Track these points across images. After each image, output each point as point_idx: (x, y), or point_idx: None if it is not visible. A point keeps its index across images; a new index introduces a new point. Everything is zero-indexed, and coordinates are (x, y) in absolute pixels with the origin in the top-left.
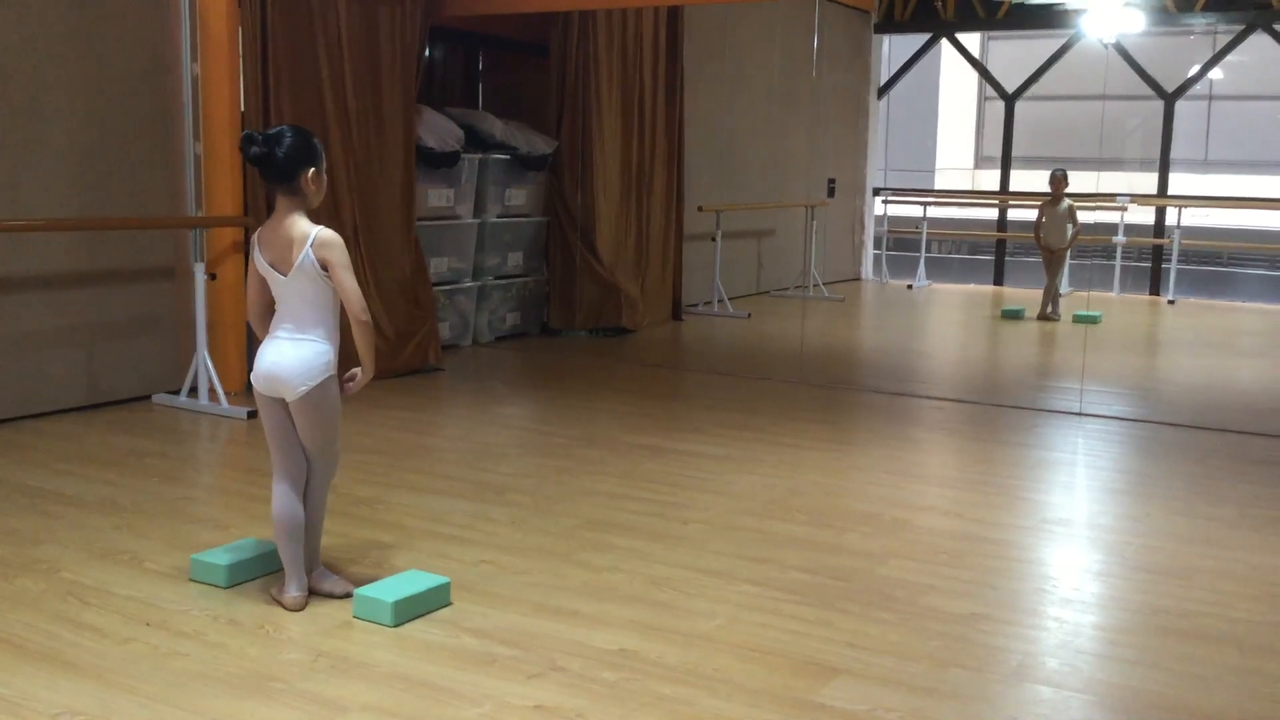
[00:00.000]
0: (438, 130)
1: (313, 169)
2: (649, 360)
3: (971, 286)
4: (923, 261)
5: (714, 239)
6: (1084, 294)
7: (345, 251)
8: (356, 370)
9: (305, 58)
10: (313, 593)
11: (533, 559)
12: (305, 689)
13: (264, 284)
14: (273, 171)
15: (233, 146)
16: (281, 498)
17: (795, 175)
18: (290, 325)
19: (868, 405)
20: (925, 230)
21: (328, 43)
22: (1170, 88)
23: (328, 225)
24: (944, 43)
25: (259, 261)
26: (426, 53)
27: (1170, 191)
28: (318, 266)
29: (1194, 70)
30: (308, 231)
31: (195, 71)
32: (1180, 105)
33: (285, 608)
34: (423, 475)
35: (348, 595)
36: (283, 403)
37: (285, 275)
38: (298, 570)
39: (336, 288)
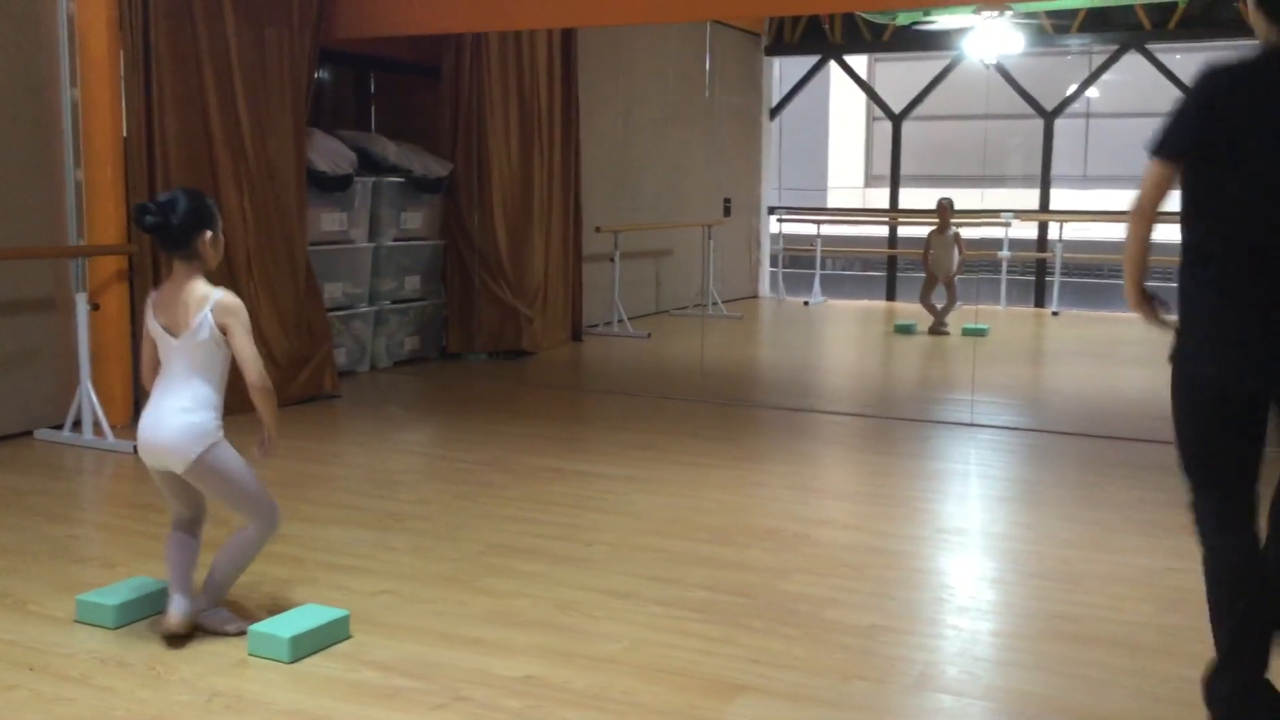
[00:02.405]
0: (329, 153)
1: (209, 232)
2: (550, 382)
3: (865, 302)
4: (818, 278)
5: (612, 259)
6: (972, 308)
7: (246, 316)
8: (263, 437)
9: (191, 80)
10: (204, 629)
11: (435, 587)
12: None
13: (156, 347)
14: (169, 238)
15: (115, 172)
16: (172, 541)
17: (692, 195)
18: (173, 391)
19: (767, 421)
20: (819, 248)
21: (215, 65)
22: (1049, 106)
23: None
24: (832, 65)
25: (151, 325)
26: (317, 75)
27: (1051, 206)
28: (216, 331)
29: (1072, 89)
30: (207, 294)
31: (75, 96)
32: (1059, 123)
33: (166, 629)
34: (320, 505)
35: (241, 633)
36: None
37: (177, 338)
38: (182, 589)
39: (235, 353)
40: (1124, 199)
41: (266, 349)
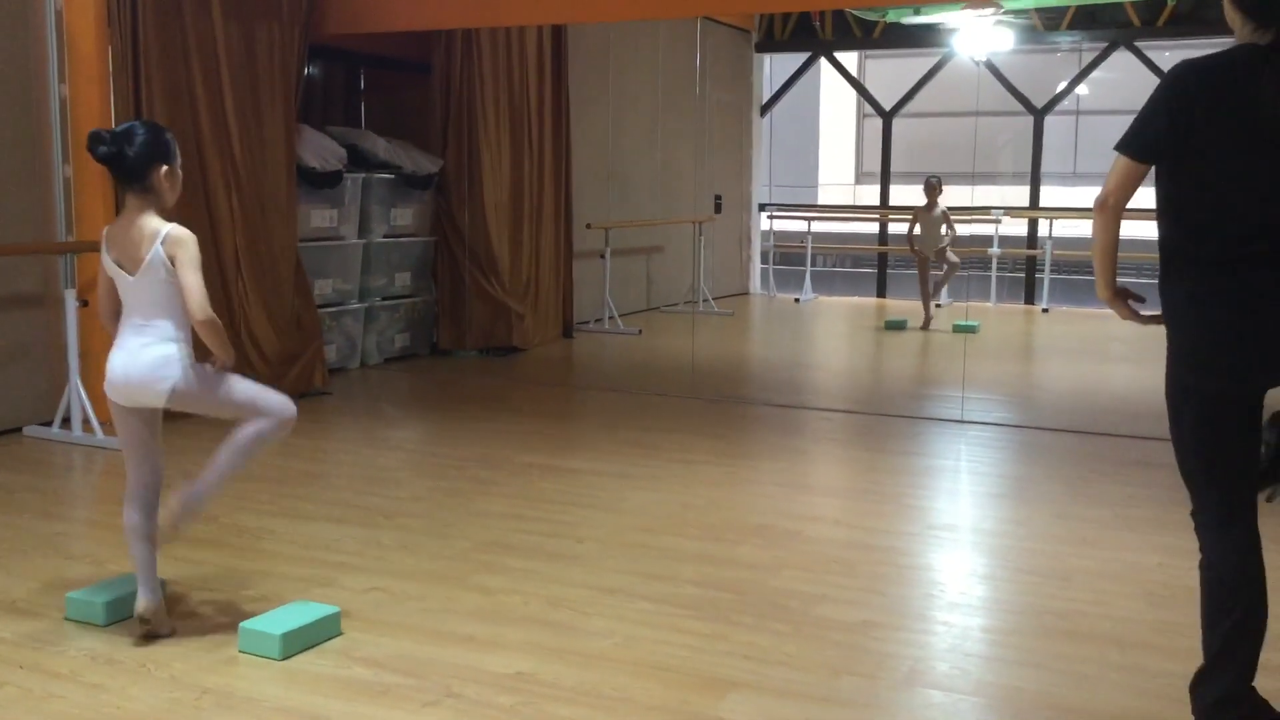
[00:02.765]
0: (319, 149)
1: (166, 166)
2: (541, 379)
3: (856, 299)
4: (808, 275)
5: (603, 256)
6: (962, 304)
7: (196, 249)
8: (215, 359)
9: (180, 77)
10: (177, 522)
11: (425, 584)
12: None
13: (113, 284)
14: (124, 170)
15: (103, 169)
16: (131, 512)
17: (682, 192)
18: (137, 328)
19: (758, 418)
20: (810, 244)
21: (204, 62)
22: (1039, 103)
23: (209, 247)
24: (823, 61)
25: (106, 261)
26: (306, 71)
27: (1042, 204)
28: (168, 263)
29: (1061, 86)
30: (158, 228)
31: (63, 92)
32: (1049, 120)
33: (139, 618)
34: (310, 502)
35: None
36: (138, 412)
37: (133, 275)
38: (146, 577)
39: (180, 284)
40: None
41: (256, 345)
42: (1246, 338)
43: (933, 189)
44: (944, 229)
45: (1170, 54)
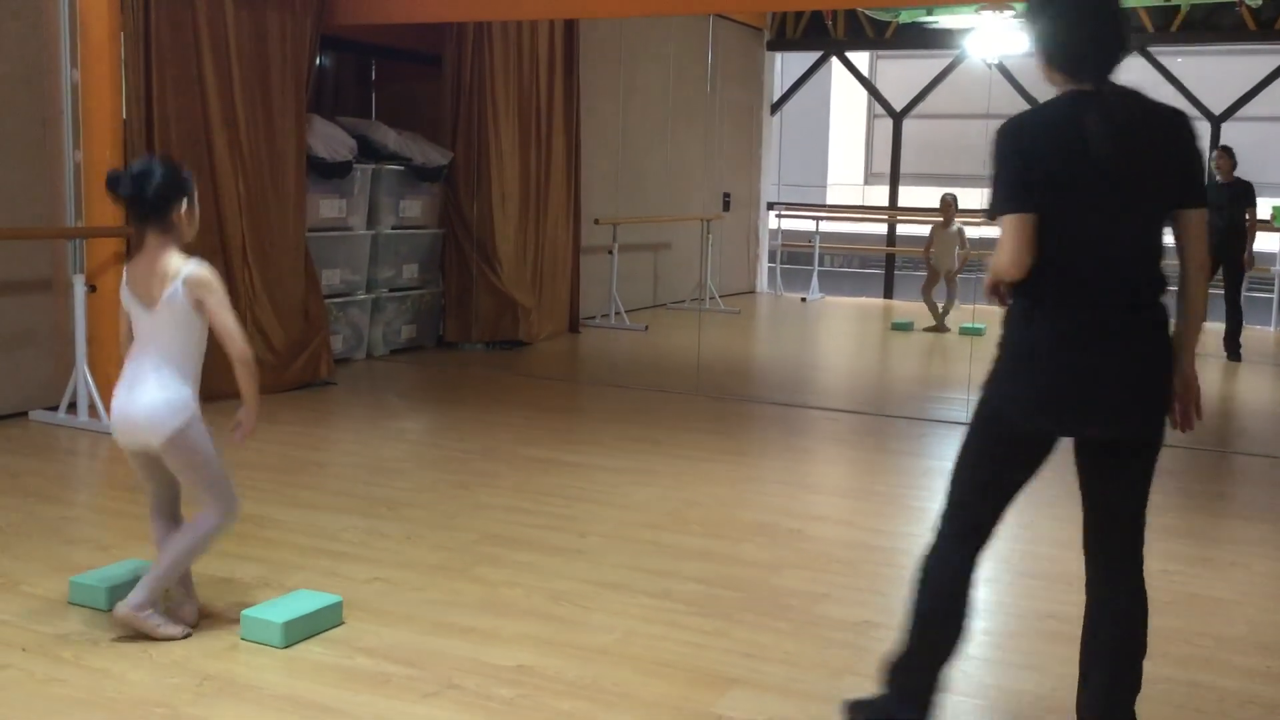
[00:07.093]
0: (329, 140)
1: (185, 203)
2: (546, 373)
3: (862, 299)
4: (816, 275)
5: (611, 251)
6: (969, 307)
7: (221, 288)
8: (240, 414)
9: (191, 64)
10: (140, 632)
11: (428, 575)
12: (191, 714)
13: (131, 321)
14: (144, 210)
15: (114, 154)
16: (155, 527)
17: (691, 189)
18: (147, 365)
19: (763, 417)
20: (818, 244)
21: (215, 50)
22: None
23: (215, 237)
24: (834, 61)
25: (125, 296)
26: (318, 62)
27: None
28: (188, 304)
29: None
30: (179, 267)
31: (75, 78)
32: None
33: (193, 620)
34: (313, 491)
35: (186, 636)
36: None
37: (150, 310)
38: (186, 584)
39: (216, 327)
40: None
41: (262, 334)
42: (1076, 379)
43: (948, 206)
44: (958, 248)
45: (1183, 60)
